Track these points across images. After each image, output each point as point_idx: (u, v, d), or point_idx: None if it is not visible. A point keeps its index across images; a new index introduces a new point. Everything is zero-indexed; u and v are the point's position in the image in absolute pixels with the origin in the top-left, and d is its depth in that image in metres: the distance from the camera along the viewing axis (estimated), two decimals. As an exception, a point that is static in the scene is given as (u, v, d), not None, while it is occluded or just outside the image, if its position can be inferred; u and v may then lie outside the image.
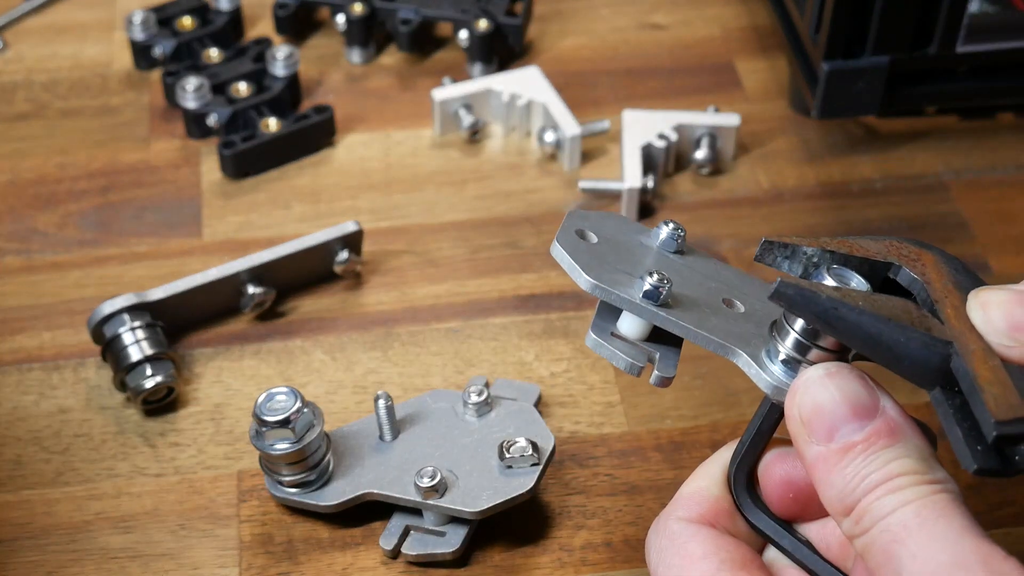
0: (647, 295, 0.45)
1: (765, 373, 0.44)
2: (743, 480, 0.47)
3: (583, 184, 0.70)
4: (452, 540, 0.54)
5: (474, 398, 0.56)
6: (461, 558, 0.54)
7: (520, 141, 0.74)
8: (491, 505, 0.53)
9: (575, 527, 0.56)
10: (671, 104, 0.76)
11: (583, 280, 0.45)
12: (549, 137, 0.72)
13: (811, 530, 0.48)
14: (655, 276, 0.45)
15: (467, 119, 0.73)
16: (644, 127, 0.71)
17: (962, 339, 0.41)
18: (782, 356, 0.44)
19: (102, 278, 0.66)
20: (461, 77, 0.76)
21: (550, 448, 0.55)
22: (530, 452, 0.54)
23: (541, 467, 0.54)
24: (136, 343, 0.60)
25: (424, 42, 0.80)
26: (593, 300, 0.66)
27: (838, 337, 0.42)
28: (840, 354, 0.44)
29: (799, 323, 0.43)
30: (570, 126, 0.71)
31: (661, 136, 0.71)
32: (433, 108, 0.73)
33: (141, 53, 0.77)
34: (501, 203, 0.71)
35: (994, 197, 0.71)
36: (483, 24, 0.76)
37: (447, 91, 0.73)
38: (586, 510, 0.57)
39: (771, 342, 0.44)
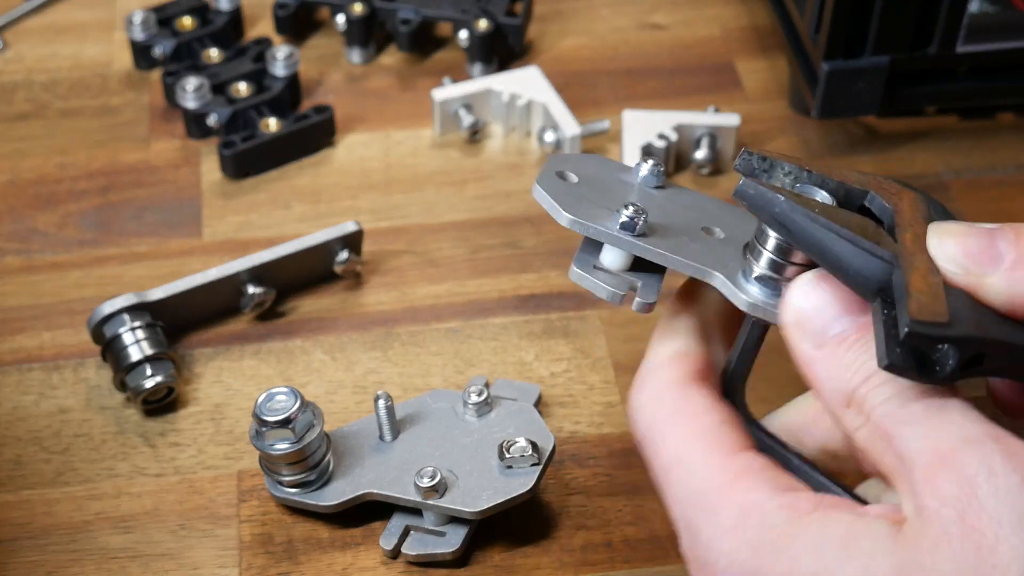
0: (623, 226, 0.46)
1: (741, 292, 0.45)
2: (734, 400, 0.48)
3: (583, 184, 0.70)
4: (452, 540, 0.54)
5: (474, 398, 0.56)
6: (461, 558, 0.54)
7: (520, 141, 0.74)
8: (491, 505, 0.53)
9: (575, 527, 0.56)
10: (671, 104, 0.76)
11: (562, 217, 0.47)
12: (549, 137, 0.72)
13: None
14: (631, 208, 0.46)
15: (467, 119, 0.73)
16: (644, 127, 0.71)
17: (910, 259, 0.41)
18: (756, 274, 0.45)
19: (102, 278, 0.66)
20: (461, 77, 0.76)
21: (550, 448, 0.55)
22: (530, 452, 0.54)
23: (541, 467, 0.54)
24: (136, 343, 0.60)
25: (424, 42, 0.80)
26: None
27: (790, 240, 0.43)
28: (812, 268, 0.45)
29: (771, 242, 0.44)
30: (570, 126, 0.71)
31: (661, 136, 0.71)
32: (433, 108, 0.73)
33: (141, 53, 0.77)
34: (501, 203, 0.71)
35: (994, 197, 0.71)
36: (483, 24, 0.76)
37: (447, 91, 0.73)
38: (586, 510, 0.57)
39: (746, 263, 0.46)
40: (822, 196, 0.44)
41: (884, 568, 0.38)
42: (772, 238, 0.44)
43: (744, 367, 0.48)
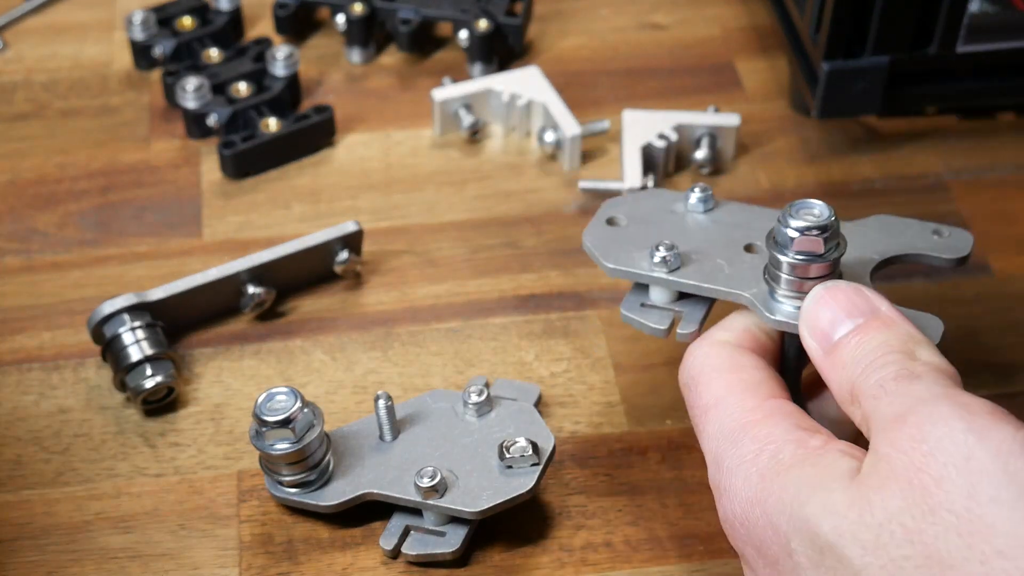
0: (657, 264, 0.52)
1: (767, 310, 0.49)
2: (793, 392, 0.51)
3: (583, 184, 0.70)
4: (452, 540, 0.54)
5: (474, 398, 0.56)
6: (461, 558, 0.55)
7: (520, 141, 0.74)
8: (491, 505, 0.53)
9: (575, 527, 0.56)
10: (671, 104, 0.76)
11: (604, 267, 0.53)
12: (549, 137, 0.72)
13: None
14: (662, 247, 0.52)
15: (467, 119, 0.73)
16: (644, 127, 0.71)
17: None
18: (780, 293, 0.49)
19: (102, 278, 0.66)
20: (461, 77, 0.76)
21: (550, 448, 0.55)
22: (530, 452, 0.54)
23: (541, 467, 0.54)
24: (136, 343, 0.60)
25: (424, 42, 0.80)
26: (587, 293, 0.66)
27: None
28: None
29: (784, 267, 0.48)
30: (570, 126, 0.71)
31: (661, 136, 0.71)
32: (433, 108, 0.73)
33: (141, 53, 0.77)
34: (501, 203, 0.71)
35: (994, 197, 0.71)
36: (483, 24, 0.76)
37: (447, 91, 0.73)
38: (586, 510, 0.57)
39: (770, 284, 0.50)
40: (819, 208, 0.48)
41: (838, 502, 0.42)
42: (784, 263, 0.48)
43: (794, 378, 0.52)
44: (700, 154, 0.71)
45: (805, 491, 0.42)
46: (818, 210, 0.48)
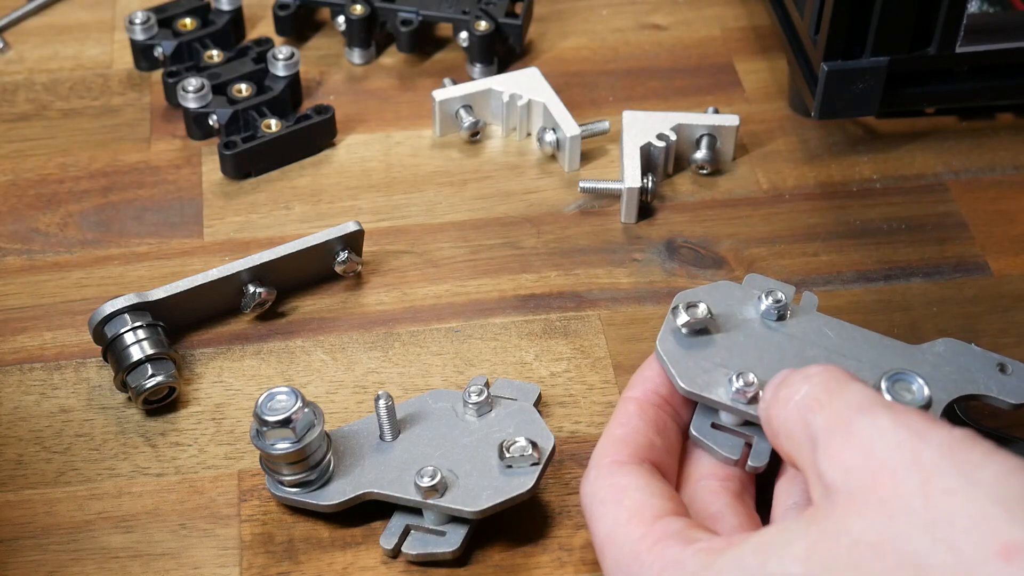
0: (736, 394, 0.51)
1: None
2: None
3: (583, 184, 0.70)
4: (452, 540, 0.54)
5: (474, 398, 0.57)
6: (461, 558, 0.55)
7: (520, 141, 0.74)
8: (491, 505, 0.53)
9: (575, 527, 0.56)
10: (671, 104, 0.76)
11: (679, 386, 0.52)
12: (549, 137, 0.72)
13: None
14: (741, 379, 0.51)
15: (467, 119, 0.73)
16: (644, 127, 0.71)
17: None
18: None
19: (103, 278, 0.67)
20: (461, 78, 0.76)
21: (550, 448, 0.55)
22: (530, 452, 0.54)
23: (541, 467, 0.54)
24: (137, 343, 0.60)
25: (424, 43, 0.80)
26: (587, 293, 0.66)
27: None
28: None
29: None
30: (570, 126, 0.71)
31: (660, 136, 0.71)
32: (433, 108, 0.73)
33: (142, 54, 0.77)
34: (501, 203, 0.71)
35: (994, 197, 0.71)
36: (483, 25, 0.76)
37: (447, 91, 0.73)
38: (586, 510, 0.57)
39: None
40: (917, 384, 0.51)
41: (798, 551, 0.42)
42: None
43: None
44: (699, 155, 0.71)
45: (752, 568, 0.43)
46: (915, 385, 0.51)
